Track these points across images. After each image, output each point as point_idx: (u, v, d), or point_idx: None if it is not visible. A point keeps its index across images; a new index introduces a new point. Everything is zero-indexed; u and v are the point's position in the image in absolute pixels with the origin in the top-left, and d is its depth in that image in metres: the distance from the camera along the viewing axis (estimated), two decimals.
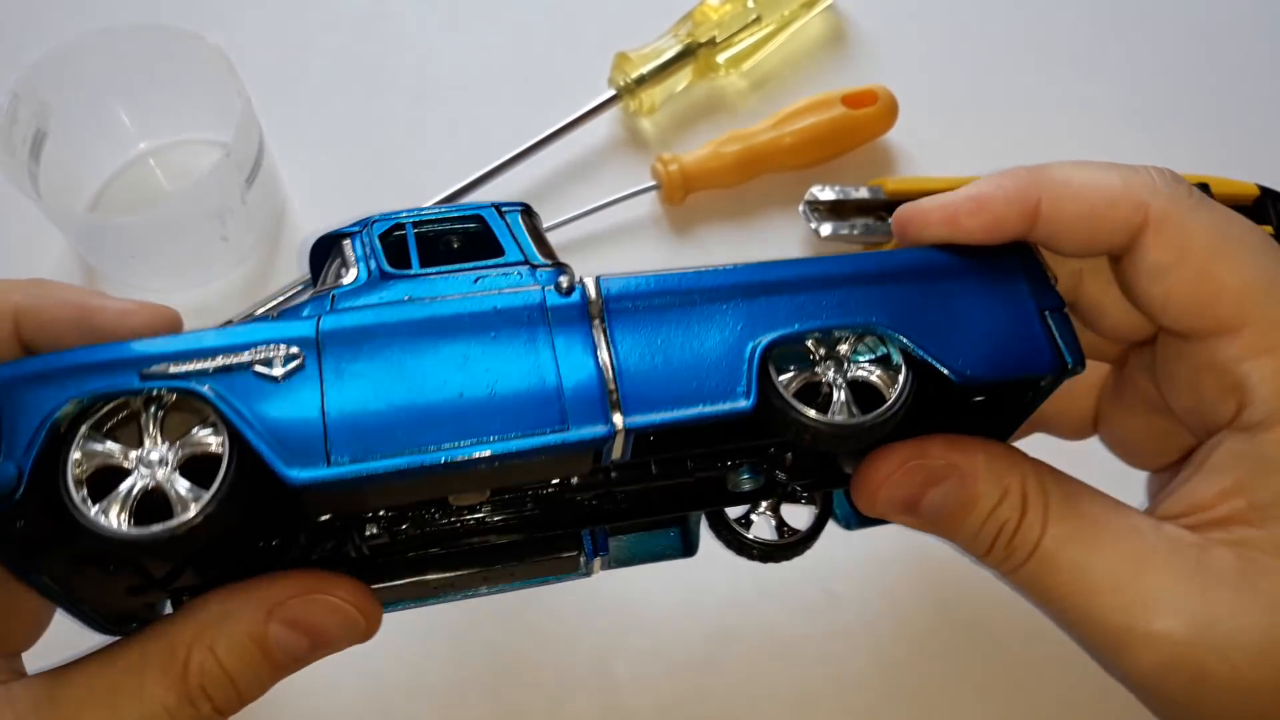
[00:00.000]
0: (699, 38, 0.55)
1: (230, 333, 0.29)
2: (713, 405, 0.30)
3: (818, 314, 0.31)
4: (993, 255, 0.32)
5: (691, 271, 0.31)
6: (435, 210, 0.34)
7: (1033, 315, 0.32)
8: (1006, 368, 0.31)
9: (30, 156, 0.46)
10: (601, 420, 0.29)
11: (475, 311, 0.30)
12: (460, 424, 0.29)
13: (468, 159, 0.51)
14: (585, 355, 0.30)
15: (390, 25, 0.58)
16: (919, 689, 0.43)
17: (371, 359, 0.29)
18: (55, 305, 0.29)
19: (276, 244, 0.51)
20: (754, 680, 0.43)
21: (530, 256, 0.33)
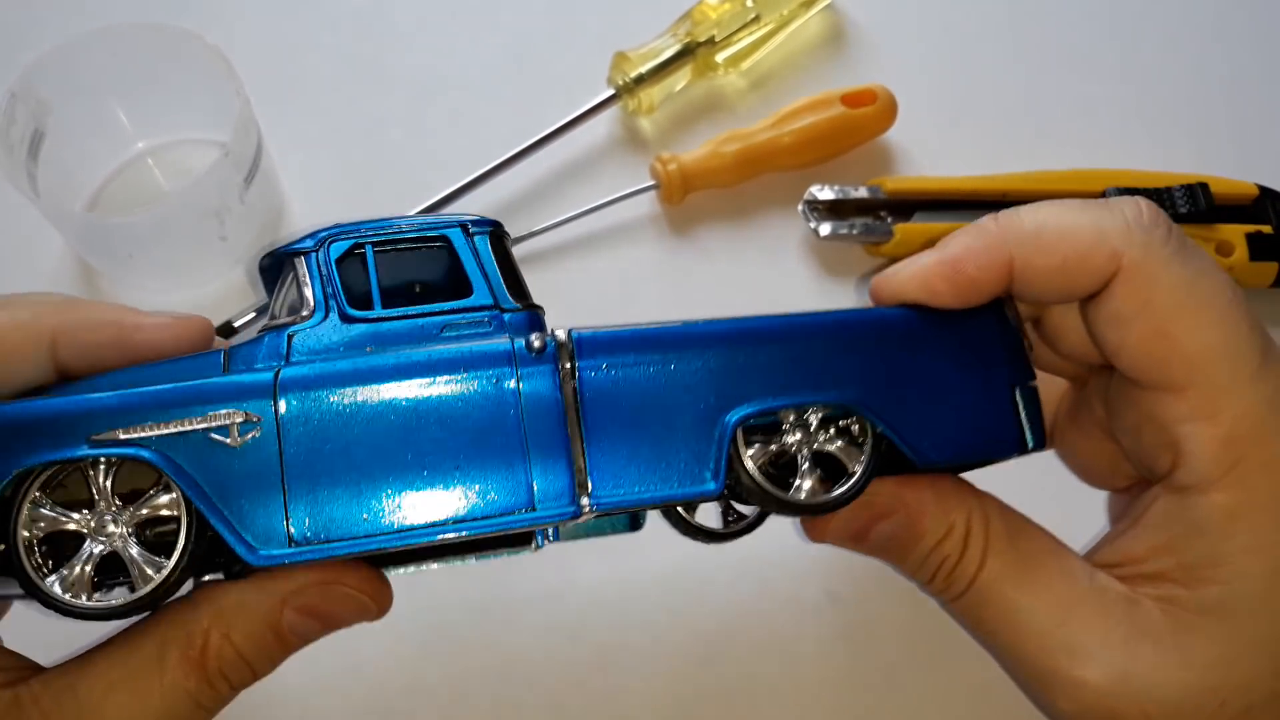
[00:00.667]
0: (698, 37, 0.55)
1: (183, 390, 0.27)
2: (680, 488, 0.29)
3: (792, 386, 0.30)
4: (971, 314, 0.32)
5: (666, 328, 0.30)
6: (397, 225, 0.31)
7: (1003, 391, 0.32)
8: (969, 451, 0.32)
9: (28, 156, 0.46)
10: (569, 501, 0.29)
11: (442, 377, 0.28)
12: (426, 504, 0.28)
13: (466, 158, 0.51)
14: (555, 430, 0.29)
15: (389, 25, 0.58)
16: (919, 689, 0.43)
17: (333, 428, 0.28)
18: (94, 327, 0.29)
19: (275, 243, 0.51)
20: (754, 680, 0.43)
21: (499, 297, 0.31)
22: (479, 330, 0.30)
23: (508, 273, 0.31)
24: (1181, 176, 0.52)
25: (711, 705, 0.42)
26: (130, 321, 0.30)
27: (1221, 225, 0.51)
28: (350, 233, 0.31)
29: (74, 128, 0.49)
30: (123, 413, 0.27)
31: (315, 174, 0.53)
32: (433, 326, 0.30)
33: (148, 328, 0.30)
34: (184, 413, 0.27)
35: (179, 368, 0.29)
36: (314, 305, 0.30)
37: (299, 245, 0.31)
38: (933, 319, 0.31)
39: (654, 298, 0.51)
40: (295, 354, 0.29)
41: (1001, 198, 0.50)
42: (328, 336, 0.29)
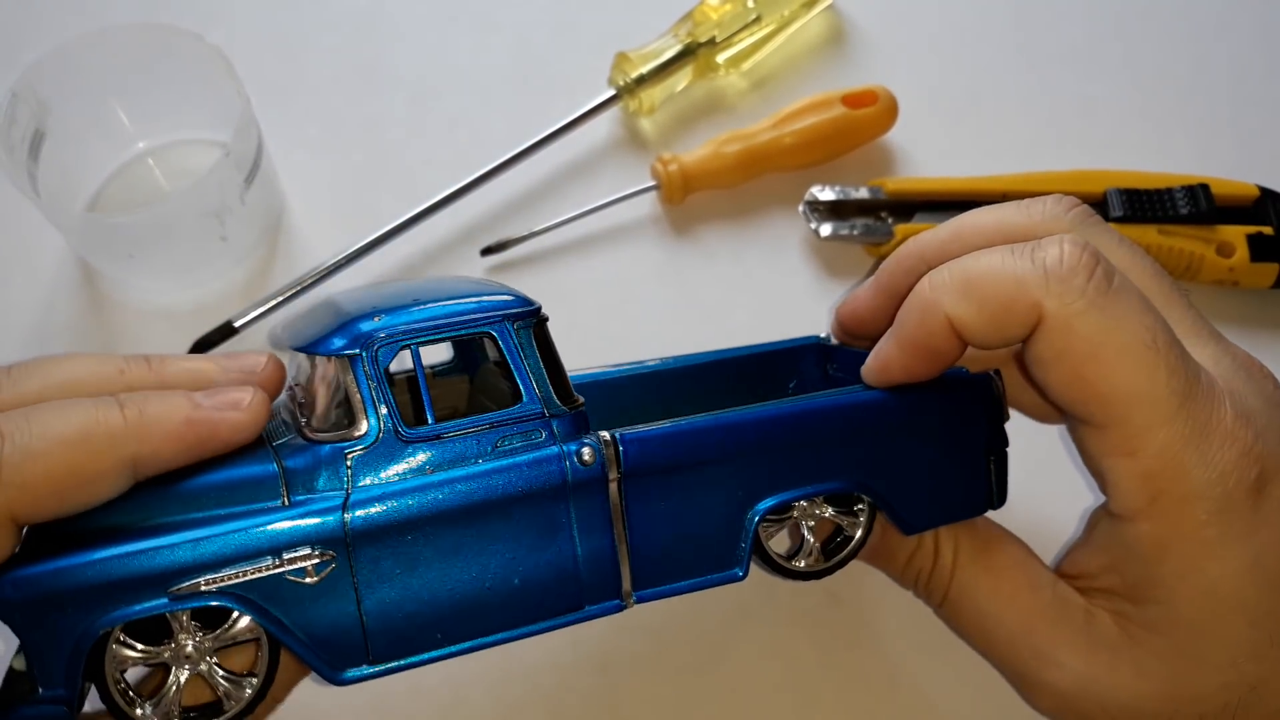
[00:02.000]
0: (699, 37, 0.55)
1: (259, 537, 0.28)
2: (712, 576, 0.33)
3: (808, 476, 0.34)
4: (966, 386, 0.35)
5: (699, 427, 0.32)
6: (441, 319, 0.32)
7: (980, 461, 0.36)
8: (947, 514, 0.36)
9: (29, 156, 0.46)
10: (615, 597, 0.32)
11: (501, 496, 0.30)
12: (489, 615, 0.31)
13: (467, 157, 0.51)
14: (603, 536, 0.32)
15: (389, 25, 0.58)
16: (920, 690, 0.43)
17: (403, 554, 0.29)
18: (169, 441, 0.29)
19: (275, 244, 0.51)
20: (754, 681, 0.43)
21: (548, 400, 0.32)
22: (531, 441, 0.31)
23: (551, 367, 0.32)
24: (1182, 177, 0.52)
25: (712, 705, 0.42)
26: (205, 429, 0.30)
27: (1222, 226, 0.51)
28: (396, 335, 0.31)
29: (75, 128, 0.49)
30: (201, 566, 0.28)
31: (316, 174, 0.53)
32: (487, 442, 0.31)
33: (222, 430, 0.30)
34: (261, 559, 0.28)
35: (237, 486, 0.30)
36: (368, 424, 0.30)
37: (338, 345, 0.31)
38: (927, 401, 0.35)
39: (654, 298, 0.51)
40: (357, 482, 0.30)
41: (1002, 198, 0.50)
42: (387, 460, 0.30)
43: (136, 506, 0.29)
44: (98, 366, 0.31)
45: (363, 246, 0.49)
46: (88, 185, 0.51)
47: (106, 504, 0.29)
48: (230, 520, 0.28)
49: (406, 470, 0.30)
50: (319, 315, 0.33)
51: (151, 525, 0.29)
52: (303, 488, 0.29)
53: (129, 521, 0.29)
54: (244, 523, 0.28)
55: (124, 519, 0.29)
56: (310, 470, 0.30)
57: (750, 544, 0.33)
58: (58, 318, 0.49)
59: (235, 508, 0.29)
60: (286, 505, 0.29)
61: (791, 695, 0.43)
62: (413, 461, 0.30)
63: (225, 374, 0.33)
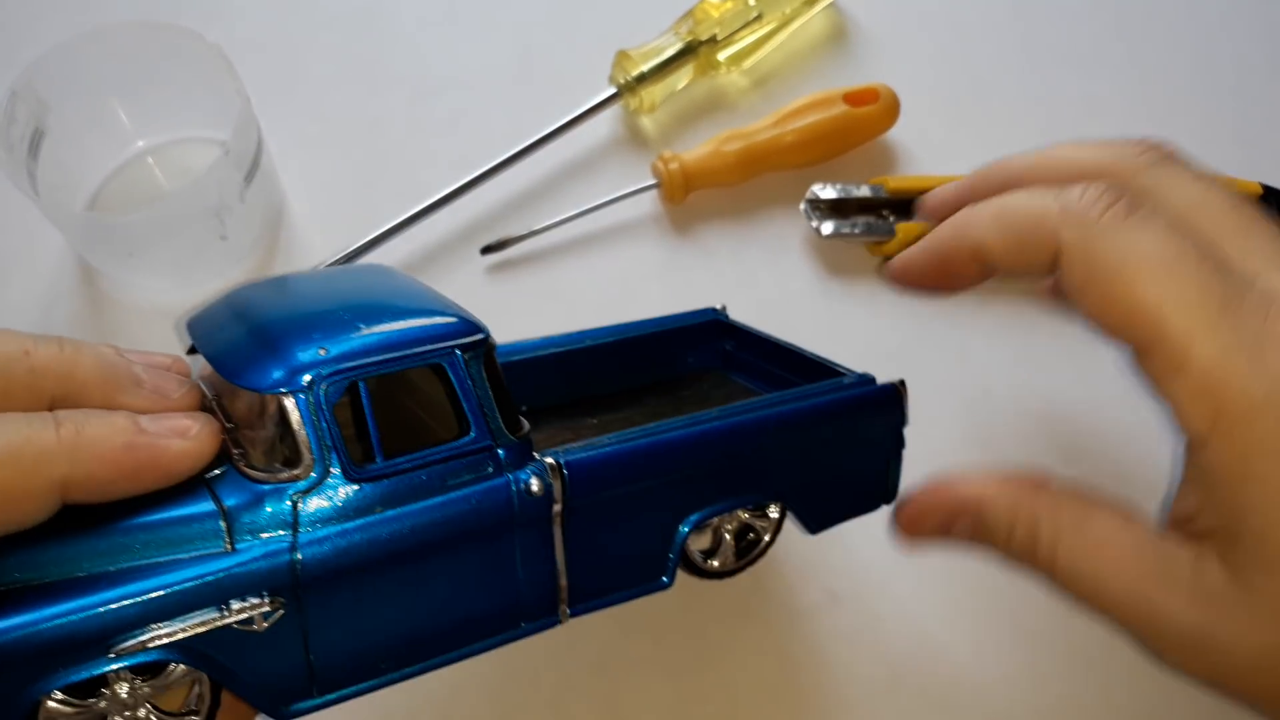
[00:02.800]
0: (700, 35, 0.54)
1: (204, 587, 0.26)
2: (641, 588, 0.35)
3: (732, 489, 0.35)
4: (875, 396, 0.37)
5: (641, 447, 0.33)
6: (386, 352, 0.30)
7: (884, 465, 0.38)
8: (847, 512, 0.39)
9: (28, 155, 0.46)
10: (551, 615, 0.33)
11: (450, 534, 0.30)
12: (432, 642, 0.31)
13: (466, 156, 0.51)
14: (546, 561, 0.32)
15: (389, 24, 0.58)
16: (920, 689, 0.43)
17: (351, 596, 0.29)
18: (105, 465, 0.27)
19: (275, 242, 0.51)
20: (754, 680, 0.43)
21: (495, 431, 0.31)
22: (480, 473, 0.31)
23: (499, 394, 0.31)
24: None
25: (711, 705, 0.42)
26: (146, 457, 0.28)
27: None
28: (343, 370, 0.29)
29: (74, 126, 0.49)
30: (144, 622, 0.26)
31: (315, 173, 0.53)
32: (435, 477, 0.30)
33: (164, 460, 0.28)
34: (208, 612, 0.27)
35: (176, 528, 0.28)
36: (313, 461, 0.28)
37: (277, 378, 0.29)
38: (843, 412, 0.37)
39: (655, 296, 0.51)
40: (303, 523, 0.28)
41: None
42: (334, 499, 0.29)
43: (66, 551, 0.27)
44: (1, 344, 0.29)
45: (361, 246, 0.49)
46: (87, 184, 0.51)
47: (31, 546, 0.26)
48: (172, 569, 0.26)
49: (355, 510, 0.29)
50: (236, 327, 0.31)
51: (86, 576, 0.26)
52: (246, 531, 0.28)
53: (61, 572, 0.26)
54: (188, 573, 0.26)
55: (53, 569, 0.26)
56: (253, 512, 0.28)
57: (678, 555, 0.35)
58: (57, 317, 0.49)
59: (176, 553, 0.27)
60: (230, 551, 0.27)
61: (791, 695, 0.43)
62: (361, 501, 0.29)
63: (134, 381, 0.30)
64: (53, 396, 0.29)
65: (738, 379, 0.45)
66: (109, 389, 0.30)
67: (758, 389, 0.43)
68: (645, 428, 0.34)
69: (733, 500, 0.35)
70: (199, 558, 0.27)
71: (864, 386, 0.38)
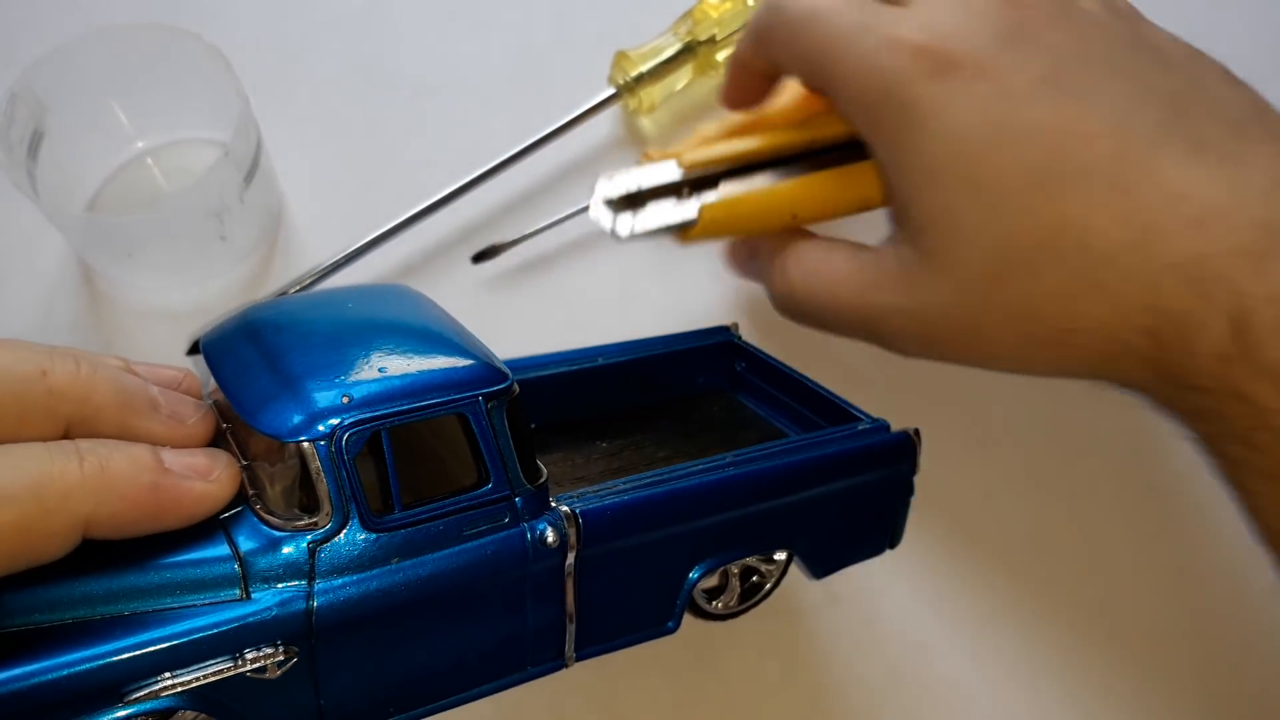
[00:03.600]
0: (699, 36, 0.54)
1: (219, 636, 0.26)
2: (647, 633, 0.35)
3: (747, 538, 0.35)
4: (888, 446, 0.37)
5: (660, 498, 0.33)
6: (410, 401, 0.29)
7: (890, 516, 0.39)
8: (852, 558, 0.39)
9: (28, 156, 0.46)
10: (558, 659, 0.33)
11: (464, 584, 0.30)
12: (439, 685, 0.31)
13: (466, 157, 0.51)
14: (555, 608, 0.32)
15: (388, 25, 0.58)
16: (920, 689, 0.43)
17: (365, 645, 0.29)
18: (128, 508, 0.27)
19: (275, 243, 0.51)
20: (754, 680, 0.43)
21: (514, 481, 0.30)
22: (496, 523, 0.30)
23: (520, 442, 0.31)
24: None
25: (711, 705, 0.42)
26: (169, 498, 0.28)
27: None
28: (365, 421, 0.28)
29: (74, 127, 0.49)
30: (158, 668, 0.26)
31: (315, 173, 0.53)
32: (453, 528, 0.30)
33: (186, 502, 0.28)
34: (222, 661, 0.26)
35: (191, 572, 0.27)
36: (331, 510, 0.28)
37: (297, 424, 0.28)
38: (856, 462, 0.37)
39: (654, 298, 0.51)
40: (320, 572, 0.28)
41: (810, 145, 0.43)
42: (352, 549, 0.28)
43: (82, 590, 0.26)
44: (18, 363, 0.28)
45: (354, 250, 0.48)
46: (87, 185, 0.51)
47: (46, 583, 0.26)
48: (187, 616, 0.26)
49: (371, 560, 0.28)
50: (254, 358, 0.31)
51: (99, 619, 0.26)
52: (261, 578, 0.27)
53: (76, 614, 0.26)
54: (203, 621, 0.26)
55: (69, 610, 0.26)
56: (269, 558, 0.28)
57: (685, 602, 0.35)
58: (57, 317, 0.49)
59: (191, 598, 0.27)
60: (246, 599, 0.27)
61: (791, 695, 0.43)
62: (377, 550, 0.28)
63: (151, 405, 0.30)
64: (69, 419, 0.28)
65: (747, 402, 0.45)
66: (126, 413, 0.29)
67: (767, 415, 0.43)
68: (659, 472, 0.34)
69: (743, 549, 0.35)
70: (214, 604, 0.27)
71: (879, 435, 0.38)
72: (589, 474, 0.39)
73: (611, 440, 0.41)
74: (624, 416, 0.43)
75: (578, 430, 0.42)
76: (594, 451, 0.41)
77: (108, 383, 0.29)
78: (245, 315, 0.33)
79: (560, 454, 0.40)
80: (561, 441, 0.41)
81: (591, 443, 0.41)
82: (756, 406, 0.44)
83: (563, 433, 0.41)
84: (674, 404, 0.44)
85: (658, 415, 0.43)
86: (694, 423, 0.43)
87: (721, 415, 0.44)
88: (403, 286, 0.37)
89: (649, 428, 0.42)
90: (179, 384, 0.33)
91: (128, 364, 0.32)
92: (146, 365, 0.33)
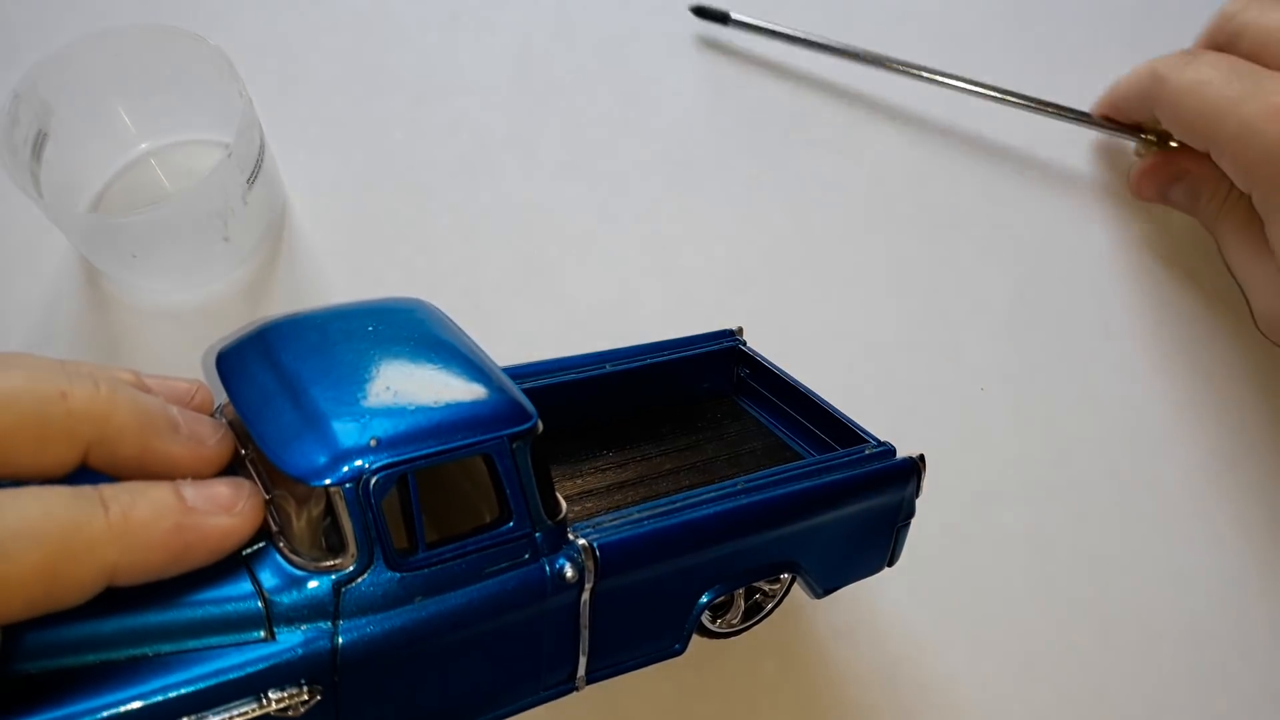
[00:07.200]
0: None
1: (248, 678, 0.26)
2: (655, 655, 0.36)
3: (756, 561, 0.36)
4: (894, 470, 0.38)
5: (675, 529, 0.33)
6: (436, 444, 0.29)
7: (889, 535, 0.39)
8: (851, 577, 0.40)
9: (32, 157, 0.46)
10: (569, 682, 0.34)
11: (485, 620, 0.30)
12: (454, 715, 0.31)
13: (467, 158, 0.51)
14: (570, 638, 0.33)
15: (391, 26, 0.58)
16: (917, 688, 0.43)
17: (387, 683, 0.29)
18: (155, 554, 0.27)
19: (278, 244, 0.51)
20: (753, 679, 0.43)
21: (535, 518, 0.31)
22: (517, 560, 0.30)
23: (542, 479, 0.31)
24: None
25: (711, 705, 0.42)
26: (194, 537, 0.27)
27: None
28: (394, 465, 0.28)
29: (77, 128, 0.49)
30: (182, 711, 0.25)
31: (318, 175, 0.53)
32: (475, 565, 0.30)
33: (211, 539, 0.27)
34: (246, 703, 0.26)
35: (214, 611, 0.27)
36: (356, 552, 0.28)
37: (322, 468, 0.28)
38: (862, 486, 0.37)
39: (655, 296, 0.51)
40: (344, 612, 0.28)
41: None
42: (376, 589, 0.28)
43: (103, 632, 0.26)
44: (36, 383, 0.27)
45: None
46: (90, 186, 0.51)
47: (68, 624, 0.26)
48: (211, 658, 0.26)
49: (396, 599, 0.28)
50: (275, 390, 0.30)
51: (124, 660, 0.26)
52: (285, 619, 0.27)
53: (97, 657, 0.26)
54: (226, 662, 0.26)
55: (90, 653, 0.26)
56: (293, 597, 0.27)
57: (694, 625, 0.35)
58: (60, 318, 0.49)
59: (214, 639, 0.26)
60: (270, 639, 0.27)
61: (791, 695, 0.43)
62: (401, 590, 0.28)
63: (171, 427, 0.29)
64: (89, 441, 0.28)
65: (749, 409, 0.45)
66: (147, 435, 0.29)
67: (770, 424, 0.44)
68: (673, 499, 0.34)
69: (752, 574, 0.36)
70: (238, 644, 0.27)
71: (885, 460, 0.38)
72: (598, 487, 0.40)
73: (617, 450, 0.42)
74: (628, 422, 0.43)
75: (583, 436, 0.42)
76: (601, 461, 0.41)
77: (128, 404, 0.29)
78: (264, 335, 0.33)
79: (567, 465, 0.40)
80: (567, 448, 0.41)
81: (598, 452, 0.42)
82: (759, 413, 0.45)
83: (567, 438, 0.41)
84: (678, 409, 0.45)
85: (662, 421, 0.44)
86: (699, 431, 0.44)
87: (727, 423, 0.44)
88: (422, 303, 0.37)
89: (654, 436, 0.43)
90: (192, 397, 0.32)
91: (139, 376, 0.32)
92: (158, 379, 0.32)
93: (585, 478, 0.40)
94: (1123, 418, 0.50)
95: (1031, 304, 0.53)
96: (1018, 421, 0.50)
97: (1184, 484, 0.49)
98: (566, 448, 0.41)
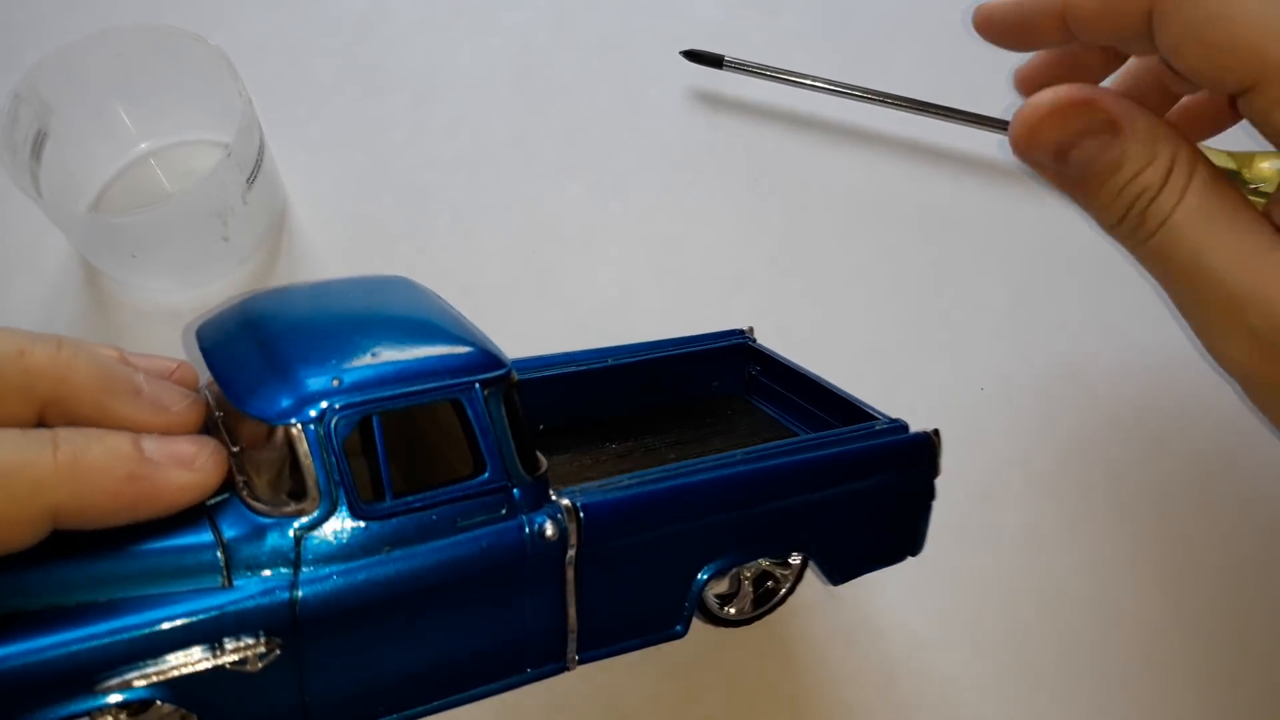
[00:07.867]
0: None
1: (200, 625, 0.25)
2: (653, 635, 0.33)
3: (758, 538, 0.34)
4: (905, 446, 0.36)
5: (664, 492, 0.32)
6: (402, 386, 0.28)
7: (913, 521, 0.37)
8: (871, 564, 0.38)
9: (31, 157, 0.46)
10: (560, 660, 0.32)
11: (458, 578, 0.28)
12: (432, 684, 0.30)
13: (467, 159, 0.51)
14: (556, 607, 0.31)
15: (391, 26, 0.58)
16: (917, 686, 0.43)
17: (352, 638, 0.27)
18: (103, 499, 0.26)
19: (278, 244, 0.52)
20: (753, 679, 0.43)
21: (511, 471, 0.29)
22: (493, 515, 0.29)
23: (518, 431, 0.30)
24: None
25: (711, 705, 0.42)
26: (148, 488, 0.26)
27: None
28: (355, 404, 0.27)
29: (77, 128, 0.49)
30: (132, 656, 0.25)
31: (317, 175, 0.54)
32: (446, 518, 0.28)
33: (166, 493, 0.27)
34: (199, 651, 0.25)
35: (171, 559, 0.26)
36: (319, 496, 0.27)
37: (285, 407, 0.27)
38: (871, 460, 0.35)
39: (656, 297, 0.51)
40: (305, 560, 0.27)
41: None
42: (340, 537, 0.27)
43: (54, 577, 0.25)
44: None
45: None
46: (90, 186, 0.51)
47: (16, 570, 0.25)
48: (165, 603, 0.25)
49: (360, 549, 0.27)
50: (246, 343, 0.30)
51: (74, 606, 0.25)
52: (245, 566, 0.26)
53: (47, 601, 0.25)
54: (181, 609, 0.25)
55: (39, 597, 0.25)
56: (253, 545, 0.27)
57: (694, 604, 0.33)
58: (61, 318, 0.49)
59: (170, 586, 0.26)
60: (227, 586, 0.26)
61: (790, 695, 0.43)
62: (367, 539, 0.27)
63: (133, 390, 0.29)
64: (45, 400, 0.28)
65: (763, 407, 0.44)
66: (104, 396, 0.28)
67: (784, 420, 0.42)
68: (667, 468, 0.32)
69: (755, 550, 0.34)
70: (193, 592, 0.26)
71: (896, 435, 0.36)
72: (595, 474, 0.38)
73: (622, 442, 0.40)
74: (636, 419, 0.42)
75: (587, 432, 0.41)
76: (603, 453, 0.40)
77: (88, 365, 0.28)
78: (243, 305, 0.33)
79: (568, 455, 0.39)
80: (570, 443, 0.40)
81: (601, 445, 0.40)
82: (774, 411, 0.43)
83: (571, 434, 0.40)
84: (687, 408, 0.43)
85: (670, 418, 0.43)
86: (708, 426, 0.42)
87: (737, 419, 0.43)
88: (405, 278, 0.37)
89: (661, 430, 0.41)
90: (171, 374, 0.32)
91: (123, 354, 0.32)
92: (142, 355, 0.32)
93: (584, 464, 0.39)
94: (1122, 417, 0.50)
95: (1031, 304, 0.53)
96: (1018, 421, 0.50)
97: (1184, 483, 0.49)
98: (568, 442, 0.40)
